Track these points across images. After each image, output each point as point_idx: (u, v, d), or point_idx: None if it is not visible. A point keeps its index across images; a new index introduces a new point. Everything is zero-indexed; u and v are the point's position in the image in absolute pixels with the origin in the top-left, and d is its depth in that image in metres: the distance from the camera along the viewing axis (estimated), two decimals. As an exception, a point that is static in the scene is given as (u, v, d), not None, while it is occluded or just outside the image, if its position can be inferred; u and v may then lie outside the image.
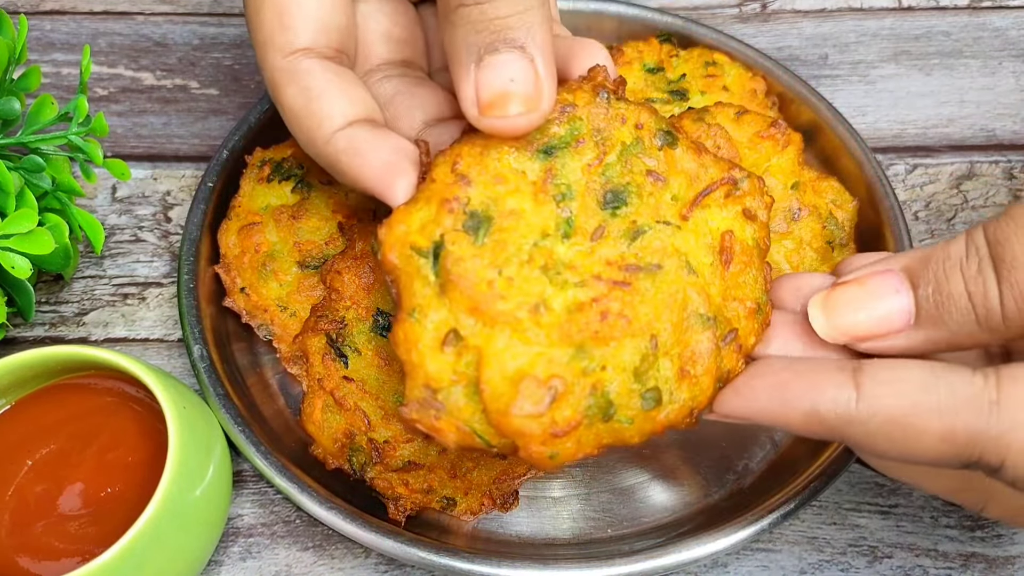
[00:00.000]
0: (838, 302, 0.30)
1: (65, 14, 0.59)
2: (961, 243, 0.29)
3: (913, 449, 0.28)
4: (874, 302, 0.30)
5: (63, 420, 0.38)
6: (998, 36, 0.60)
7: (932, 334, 0.29)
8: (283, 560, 0.41)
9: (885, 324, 0.29)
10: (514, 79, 0.30)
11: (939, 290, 0.29)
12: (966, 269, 0.28)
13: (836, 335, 0.30)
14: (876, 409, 0.28)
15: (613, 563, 0.37)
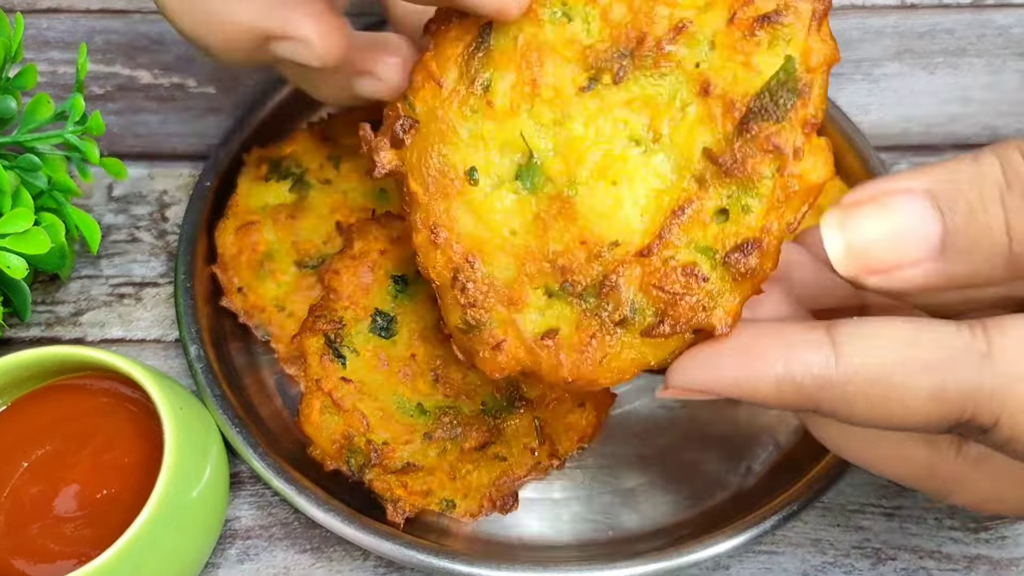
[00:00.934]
0: (858, 220, 0.26)
1: (61, 12, 0.58)
2: (996, 167, 0.25)
3: (897, 412, 0.25)
4: (898, 225, 0.25)
5: (59, 421, 0.38)
6: (1002, 34, 0.60)
7: (953, 268, 0.25)
8: (281, 562, 0.41)
9: (908, 251, 0.25)
10: None
11: (974, 220, 0.24)
12: (1008, 197, 0.24)
13: (850, 261, 0.25)
14: (857, 368, 0.25)
15: (614, 566, 0.37)
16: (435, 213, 0.29)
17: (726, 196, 0.26)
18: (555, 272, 0.28)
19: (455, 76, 0.28)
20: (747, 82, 0.25)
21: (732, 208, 0.26)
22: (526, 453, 0.40)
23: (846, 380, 0.25)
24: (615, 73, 0.27)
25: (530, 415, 0.40)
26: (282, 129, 0.49)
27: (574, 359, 0.27)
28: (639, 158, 0.27)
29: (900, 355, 0.25)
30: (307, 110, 0.50)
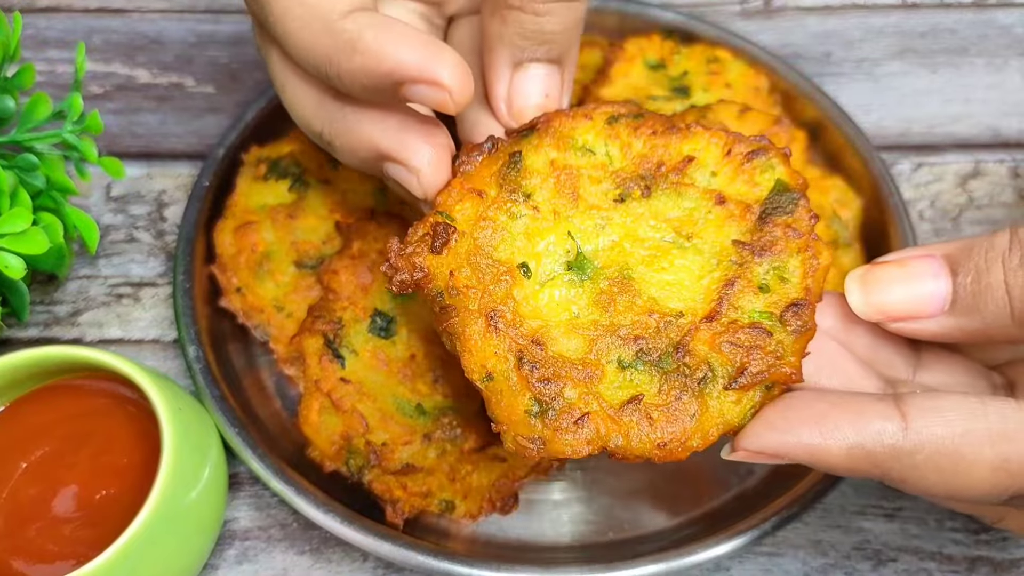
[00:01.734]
0: (877, 278, 0.31)
1: (60, 11, 0.58)
2: (1006, 236, 0.29)
3: (963, 482, 0.27)
4: (912, 283, 0.30)
5: (57, 422, 0.38)
6: (1004, 34, 0.60)
7: (964, 322, 0.29)
8: (280, 564, 0.41)
9: (921, 306, 0.30)
10: (548, 94, 0.34)
11: (977, 279, 0.29)
12: (1008, 261, 0.28)
13: (870, 311, 0.31)
14: (925, 439, 0.27)
15: (614, 567, 0.37)
16: (492, 302, 0.30)
17: (763, 273, 0.31)
18: (627, 343, 0.30)
19: (495, 189, 0.32)
20: (753, 193, 0.32)
21: (772, 281, 0.31)
22: (526, 454, 0.40)
23: (916, 450, 0.27)
24: (643, 188, 0.33)
25: (530, 416, 0.40)
26: (281, 129, 0.49)
27: (665, 418, 0.29)
28: (681, 251, 0.32)
29: (966, 426, 0.27)
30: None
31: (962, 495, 0.28)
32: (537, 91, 0.34)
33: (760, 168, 0.32)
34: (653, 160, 0.33)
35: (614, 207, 0.32)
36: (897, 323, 0.30)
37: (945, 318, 0.29)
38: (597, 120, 0.33)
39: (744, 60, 0.52)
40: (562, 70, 0.34)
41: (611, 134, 0.33)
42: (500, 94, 0.34)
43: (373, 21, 0.30)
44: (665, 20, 0.54)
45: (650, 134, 0.33)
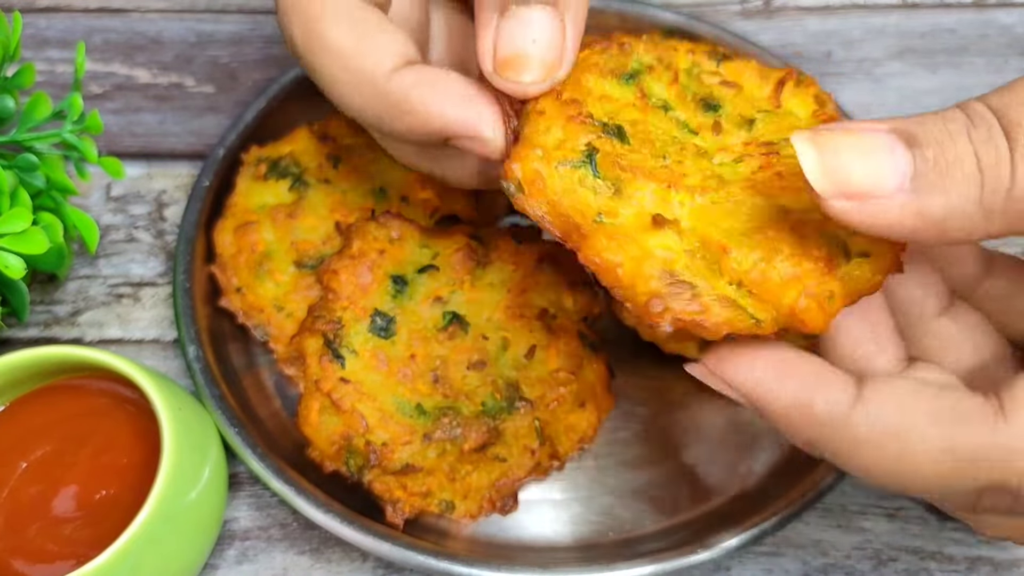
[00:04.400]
0: (829, 139, 0.25)
1: (60, 11, 0.58)
2: (958, 112, 0.25)
3: (905, 467, 0.25)
4: (868, 152, 0.24)
5: (57, 422, 0.38)
6: (1004, 33, 0.60)
7: (926, 204, 0.24)
8: (280, 564, 0.41)
9: (881, 179, 0.24)
10: (536, 39, 0.28)
11: (943, 153, 0.24)
12: (974, 133, 0.24)
13: (825, 183, 0.25)
14: (873, 415, 0.25)
15: (614, 567, 0.37)
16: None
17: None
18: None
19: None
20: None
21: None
22: (526, 454, 0.40)
23: (861, 423, 0.25)
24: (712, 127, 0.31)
25: (530, 416, 0.40)
26: (281, 128, 0.49)
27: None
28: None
29: (911, 406, 0.25)
30: (306, 110, 0.49)
31: (904, 481, 0.26)
32: (522, 34, 0.28)
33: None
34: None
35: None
36: (852, 202, 0.24)
37: (906, 197, 0.24)
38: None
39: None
40: (558, 15, 0.29)
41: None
42: (485, 46, 0.29)
43: (418, 79, 0.30)
44: (665, 20, 0.54)
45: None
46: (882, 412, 0.26)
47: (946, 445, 0.25)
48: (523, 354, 0.40)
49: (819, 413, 0.26)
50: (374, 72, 0.30)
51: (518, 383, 0.40)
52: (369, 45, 0.30)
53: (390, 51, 0.30)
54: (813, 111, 0.33)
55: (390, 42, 0.30)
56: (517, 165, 0.28)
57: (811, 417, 0.26)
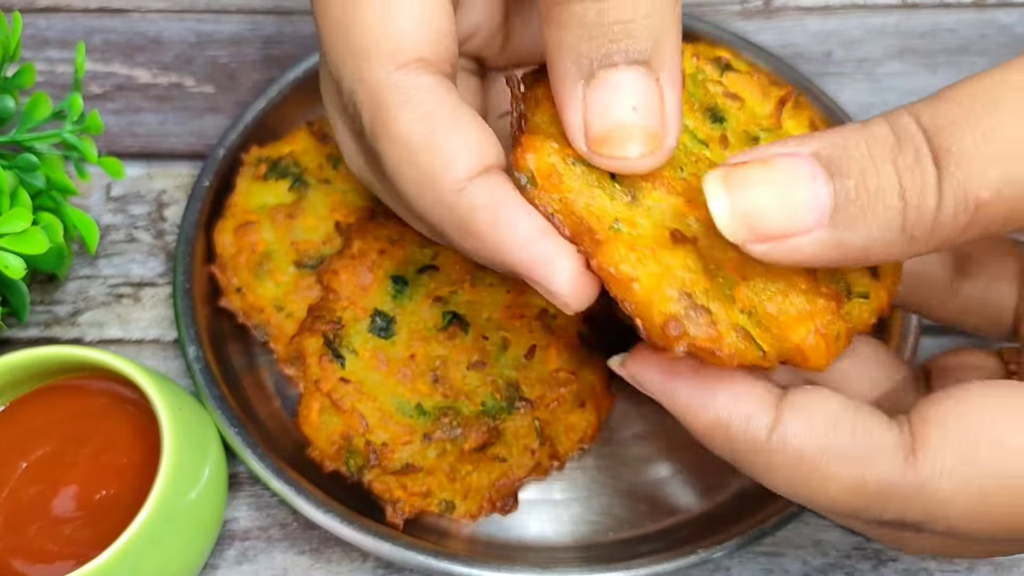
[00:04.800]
0: (742, 179, 0.23)
1: (60, 11, 0.58)
2: (886, 128, 0.23)
3: (817, 497, 0.25)
4: (785, 187, 0.23)
5: (57, 422, 0.38)
6: (1004, 33, 0.60)
7: (846, 238, 0.23)
8: (279, 564, 0.41)
9: (797, 217, 0.23)
10: (637, 107, 0.25)
11: (865, 183, 0.23)
12: (900, 159, 0.22)
13: (737, 225, 0.23)
14: (788, 442, 0.25)
15: (614, 567, 0.37)
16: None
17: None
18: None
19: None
20: None
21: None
22: (526, 454, 0.40)
23: (776, 450, 0.25)
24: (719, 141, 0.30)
25: (530, 416, 0.40)
26: (281, 128, 0.49)
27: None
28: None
29: (824, 440, 0.25)
30: (306, 110, 0.49)
31: (815, 506, 0.26)
32: (617, 103, 0.25)
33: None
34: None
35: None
36: (765, 244, 0.23)
37: (824, 233, 0.23)
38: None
39: (744, 60, 0.52)
40: (655, 73, 0.25)
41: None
42: (574, 122, 0.25)
43: (489, 201, 0.26)
44: (665, 20, 0.54)
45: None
46: (797, 442, 0.25)
47: (855, 483, 0.25)
48: (523, 354, 0.40)
49: (735, 437, 0.26)
50: (442, 179, 0.26)
51: (518, 383, 0.40)
52: (441, 141, 0.26)
53: (464, 153, 0.26)
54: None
55: (466, 142, 0.26)
56: (531, 156, 0.26)
57: (728, 440, 0.26)
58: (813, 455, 0.25)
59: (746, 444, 0.26)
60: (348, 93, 0.28)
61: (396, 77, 0.26)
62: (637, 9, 0.24)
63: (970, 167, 0.22)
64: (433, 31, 0.27)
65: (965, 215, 0.22)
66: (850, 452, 0.25)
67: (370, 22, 0.27)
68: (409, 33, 0.27)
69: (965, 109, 0.22)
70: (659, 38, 0.25)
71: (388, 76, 0.26)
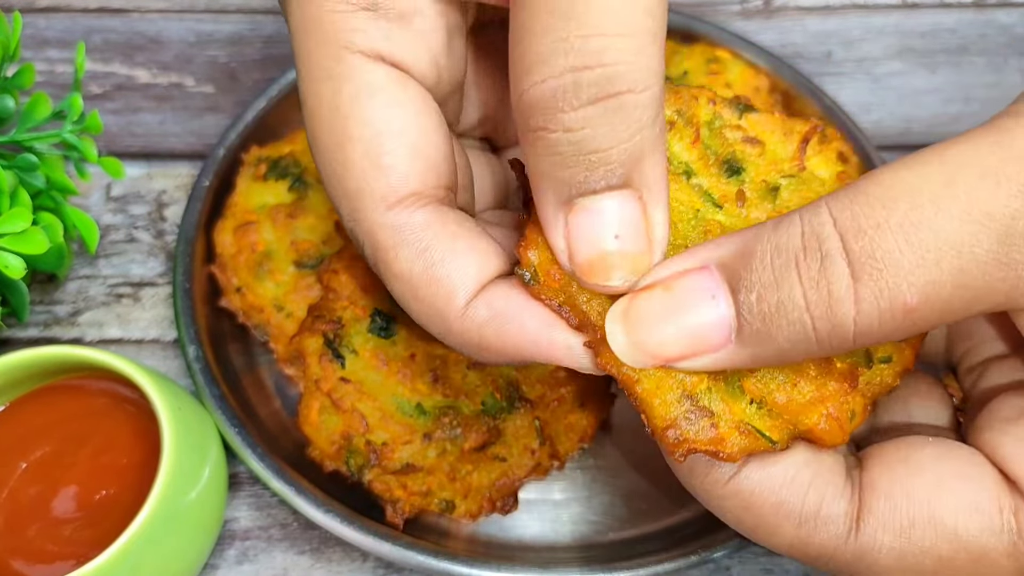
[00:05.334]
0: (640, 314, 0.24)
1: (60, 11, 0.58)
2: (796, 231, 0.22)
3: (762, 540, 0.27)
4: (684, 313, 0.23)
5: (57, 422, 0.38)
6: (1004, 33, 0.60)
7: (756, 352, 0.23)
8: (280, 564, 0.41)
9: (699, 342, 0.23)
10: (620, 234, 0.24)
11: (765, 298, 0.22)
12: (803, 269, 0.22)
13: (641, 357, 0.24)
14: (740, 491, 0.26)
15: (614, 567, 0.37)
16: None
17: None
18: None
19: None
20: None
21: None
22: (526, 454, 0.40)
23: (728, 495, 0.26)
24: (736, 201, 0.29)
25: (530, 415, 0.40)
26: (280, 128, 0.49)
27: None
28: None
29: (777, 497, 0.26)
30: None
31: (765, 547, 0.27)
32: (601, 233, 0.24)
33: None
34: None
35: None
36: (680, 363, 0.24)
37: (734, 348, 0.23)
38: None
39: (744, 60, 0.52)
40: (636, 192, 0.24)
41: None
42: (558, 246, 0.25)
43: (491, 317, 0.26)
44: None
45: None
46: (752, 492, 0.26)
47: (800, 542, 0.26)
48: (523, 354, 0.40)
49: (698, 473, 0.27)
50: (446, 310, 0.27)
51: (518, 383, 0.40)
52: (438, 274, 0.26)
53: (461, 281, 0.26)
54: (838, 172, 0.31)
55: (461, 269, 0.26)
56: (533, 253, 0.26)
57: (691, 473, 0.27)
58: (763, 507, 0.26)
59: (707, 482, 0.27)
60: (349, 230, 0.28)
61: (390, 218, 0.27)
62: (615, 136, 0.23)
63: (895, 273, 0.21)
64: (422, 160, 0.27)
65: (892, 322, 0.21)
66: (799, 513, 0.25)
67: (359, 164, 0.27)
68: (398, 170, 0.27)
69: (887, 210, 0.21)
70: (639, 158, 0.23)
71: (382, 218, 0.27)
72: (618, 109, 0.22)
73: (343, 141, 0.27)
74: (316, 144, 0.28)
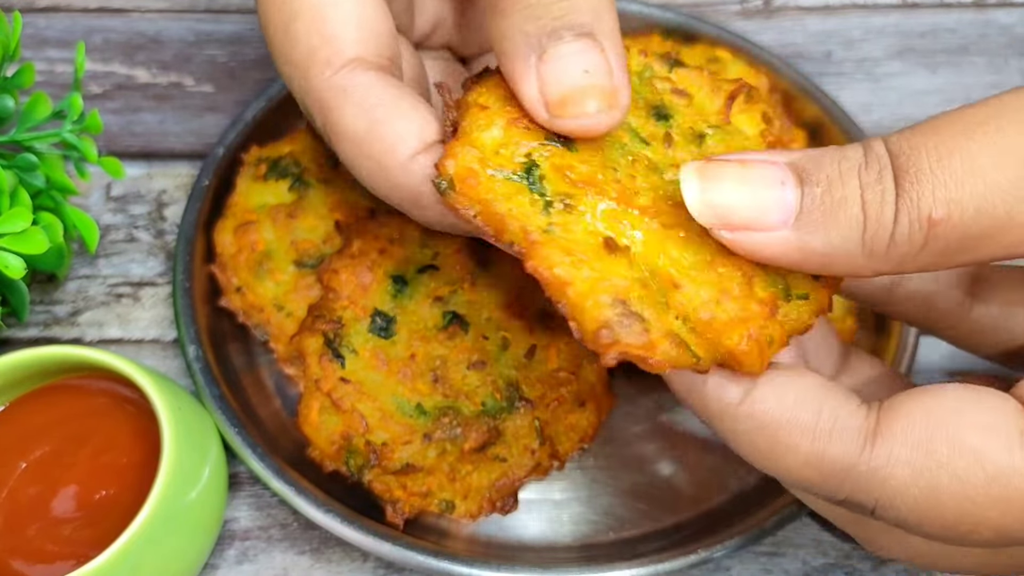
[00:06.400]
0: (717, 173, 0.25)
1: (60, 11, 0.58)
2: (859, 149, 0.25)
3: (776, 465, 0.26)
4: (756, 185, 0.25)
5: (57, 422, 0.38)
6: (1004, 33, 0.60)
7: (807, 240, 0.25)
8: (280, 564, 0.41)
9: (763, 214, 0.25)
10: (588, 70, 0.27)
11: (831, 191, 0.24)
12: (864, 174, 0.24)
13: (707, 212, 0.25)
14: (756, 411, 0.26)
15: (615, 567, 0.37)
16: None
17: None
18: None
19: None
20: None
21: None
22: (526, 454, 0.40)
23: (740, 415, 0.26)
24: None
25: (530, 415, 0.40)
26: (281, 128, 0.49)
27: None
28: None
29: (790, 414, 0.26)
30: (306, 109, 0.49)
31: (777, 477, 0.27)
32: (571, 69, 0.26)
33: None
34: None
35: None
36: (733, 233, 0.25)
37: (789, 233, 0.25)
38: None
39: (744, 60, 0.52)
40: (598, 45, 0.27)
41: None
42: (531, 94, 0.27)
43: (431, 175, 0.28)
44: (665, 20, 0.54)
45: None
46: (764, 411, 0.26)
47: (814, 457, 0.26)
48: (523, 354, 0.40)
49: (710, 396, 0.27)
50: (388, 163, 0.28)
51: (518, 383, 0.40)
52: (382, 131, 0.28)
53: (403, 137, 0.28)
54: (761, 130, 0.32)
55: (406, 127, 0.28)
56: (451, 162, 0.27)
57: (703, 399, 0.27)
58: (777, 425, 0.26)
59: (718, 406, 0.26)
60: (301, 103, 0.31)
61: (336, 79, 0.29)
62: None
63: (923, 186, 0.23)
64: (365, 31, 0.30)
65: (920, 234, 0.24)
66: (813, 428, 0.25)
67: (306, 35, 0.29)
68: (342, 38, 0.29)
69: (928, 135, 0.24)
70: (599, 11, 0.27)
71: (328, 80, 0.29)
72: None
73: (289, 20, 0.30)
74: (266, 28, 0.31)
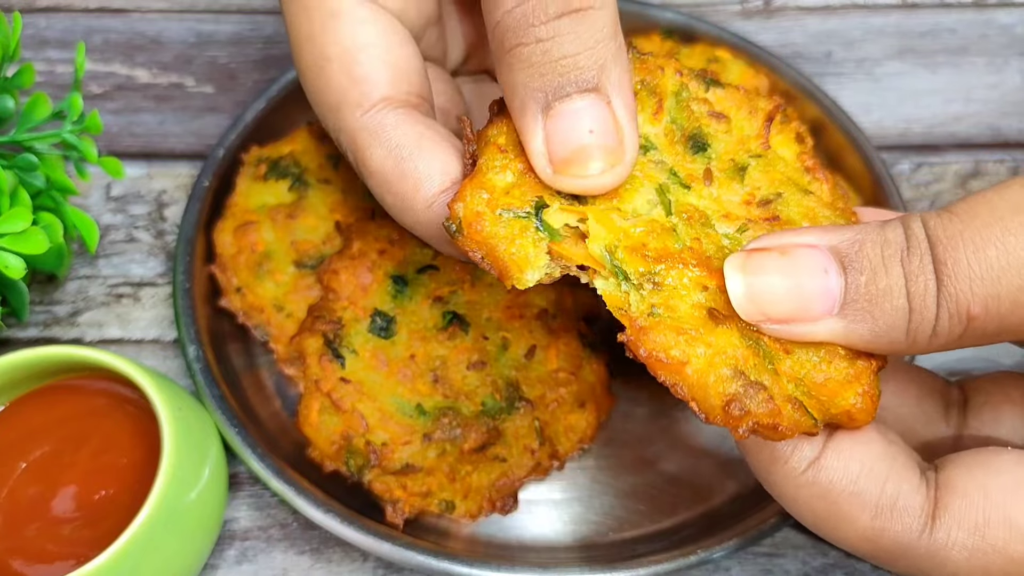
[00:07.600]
0: (759, 265, 0.25)
1: (60, 11, 0.58)
2: (899, 230, 0.25)
3: (832, 533, 0.27)
4: (799, 276, 0.25)
5: (56, 422, 0.38)
6: (1004, 33, 0.60)
7: (854, 329, 0.25)
8: (280, 564, 0.41)
9: (807, 305, 0.25)
10: (593, 129, 0.27)
11: (875, 280, 0.24)
12: (907, 262, 0.24)
13: (751, 308, 0.25)
14: (819, 479, 0.26)
15: (614, 567, 0.37)
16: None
17: None
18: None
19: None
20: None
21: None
22: (526, 454, 0.40)
23: (805, 484, 0.26)
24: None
25: (530, 416, 0.40)
26: (281, 128, 0.49)
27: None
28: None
29: (855, 486, 0.26)
30: (306, 110, 0.49)
31: (835, 543, 0.27)
32: (575, 128, 0.27)
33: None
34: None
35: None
36: (777, 326, 0.25)
37: (834, 322, 0.25)
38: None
39: (744, 60, 0.52)
40: (604, 99, 0.27)
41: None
42: (537, 149, 0.27)
43: (446, 211, 0.29)
44: (665, 20, 0.54)
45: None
46: (830, 481, 0.26)
47: (874, 533, 0.26)
48: (523, 354, 0.40)
49: (778, 460, 0.27)
50: (412, 200, 0.30)
51: (518, 383, 0.40)
52: (409, 168, 0.30)
53: (429, 175, 0.29)
54: (797, 153, 0.32)
55: (429, 165, 0.30)
56: (460, 205, 0.27)
57: (771, 461, 0.27)
58: (840, 497, 0.26)
59: (785, 471, 0.27)
60: (336, 140, 0.32)
61: (364, 121, 0.31)
62: (581, 42, 0.27)
63: (960, 282, 0.24)
64: (393, 70, 0.31)
65: (959, 327, 0.24)
66: (875, 503, 0.26)
67: (337, 77, 0.31)
68: (371, 79, 0.31)
69: (965, 222, 0.24)
70: (604, 65, 0.27)
71: (358, 122, 0.31)
72: (582, 20, 0.26)
73: (321, 63, 0.31)
74: (301, 71, 0.32)
